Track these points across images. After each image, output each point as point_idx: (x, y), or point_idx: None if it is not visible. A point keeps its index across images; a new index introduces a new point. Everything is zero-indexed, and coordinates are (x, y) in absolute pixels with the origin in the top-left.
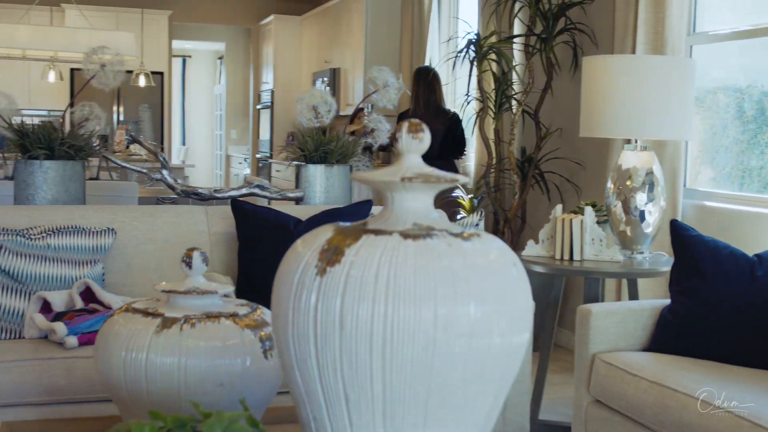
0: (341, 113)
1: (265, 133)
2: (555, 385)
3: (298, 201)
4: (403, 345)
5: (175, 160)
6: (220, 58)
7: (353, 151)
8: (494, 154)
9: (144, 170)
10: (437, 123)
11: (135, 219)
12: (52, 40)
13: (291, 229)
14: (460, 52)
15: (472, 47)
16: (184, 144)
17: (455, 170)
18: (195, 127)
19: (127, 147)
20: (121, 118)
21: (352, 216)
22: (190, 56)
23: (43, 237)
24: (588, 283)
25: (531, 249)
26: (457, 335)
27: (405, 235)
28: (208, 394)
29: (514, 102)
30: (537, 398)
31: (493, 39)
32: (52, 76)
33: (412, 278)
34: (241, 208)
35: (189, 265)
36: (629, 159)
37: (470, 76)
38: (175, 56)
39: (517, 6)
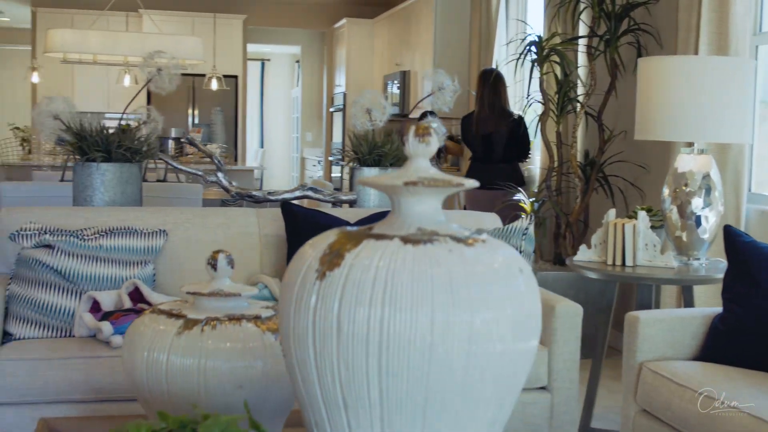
0: (411, 116)
1: (338, 136)
2: (613, 392)
3: (352, 204)
4: (400, 351)
5: (252, 163)
6: (298, 61)
7: None
8: (556, 158)
9: (199, 173)
10: (501, 125)
11: (187, 221)
12: (120, 45)
13: None
14: (521, 54)
15: (533, 49)
16: (262, 146)
17: (519, 173)
18: (273, 129)
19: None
20: (196, 120)
21: None
22: (269, 59)
23: (96, 238)
24: (640, 289)
25: (583, 254)
26: (455, 342)
27: (406, 240)
28: (228, 396)
29: (577, 104)
30: (589, 405)
31: (557, 40)
32: (127, 80)
33: (409, 284)
34: (290, 211)
35: (214, 267)
36: (686, 162)
37: (530, 78)
38: (253, 59)
39: (581, 6)
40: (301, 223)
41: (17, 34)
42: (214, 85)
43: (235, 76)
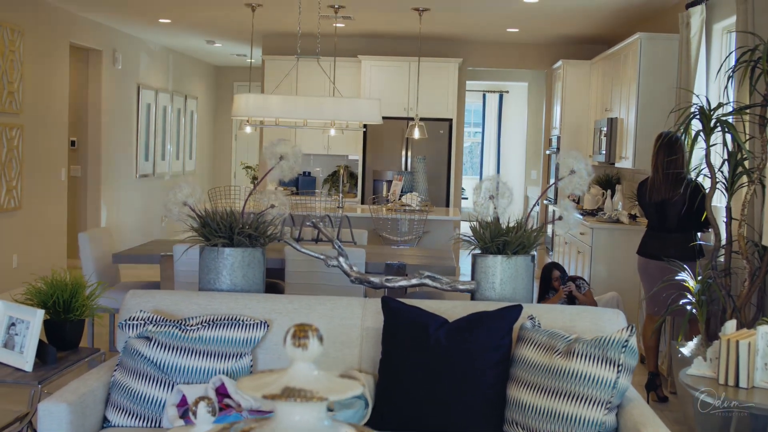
0: (617, 164)
1: (552, 178)
2: None
3: (473, 294)
4: None
5: (469, 206)
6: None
7: (534, 241)
8: (724, 235)
9: (321, 257)
10: (675, 193)
11: (293, 310)
12: (298, 109)
13: (430, 333)
14: (685, 123)
15: (699, 118)
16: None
17: (693, 246)
18: (510, 163)
19: (400, 198)
20: (409, 162)
21: (499, 321)
22: (507, 91)
23: (197, 329)
24: (753, 418)
25: (697, 367)
26: None
27: None
28: None
29: (749, 177)
30: None
31: (728, 109)
32: (333, 131)
33: None
34: (387, 305)
35: (195, 414)
36: None
37: (692, 149)
38: (491, 92)
39: (757, 72)
40: (396, 318)
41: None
42: (416, 134)
43: (450, 120)
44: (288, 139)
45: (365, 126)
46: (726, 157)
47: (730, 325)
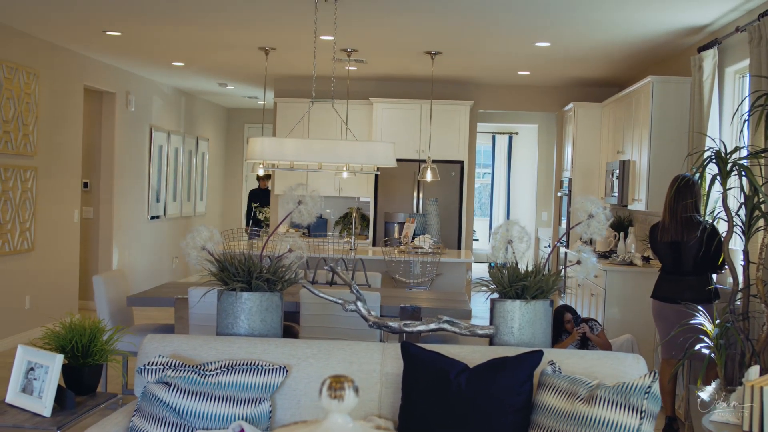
0: (629, 207)
1: (565, 222)
2: None
3: (491, 339)
4: None
5: (483, 248)
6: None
7: (553, 286)
8: (740, 279)
9: (339, 301)
10: (690, 236)
11: (311, 356)
12: (313, 152)
13: (451, 379)
14: (700, 167)
15: (715, 162)
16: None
17: (710, 289)
18: (520, 205)
19: (412, 240)
20: (420, 204)
21: (519, 367)
22: (516, 133)
23: (216, 374)
24: None
25: (721, 413)
26: None
27: None
28: None
29: (763, 221)
30: None
31: (743, 152)
32: (345, 174)
33: None
34: (407, 351)
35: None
36: None
37: (708, 193)
38: (501, 133)
39: None
40: (416, 364)
41: (267, 115)
42: (429, 176)
43: (461, 162)
44: (304, 183)
45: (378, 168)
46: (743, 200)
47: (754, 371)
